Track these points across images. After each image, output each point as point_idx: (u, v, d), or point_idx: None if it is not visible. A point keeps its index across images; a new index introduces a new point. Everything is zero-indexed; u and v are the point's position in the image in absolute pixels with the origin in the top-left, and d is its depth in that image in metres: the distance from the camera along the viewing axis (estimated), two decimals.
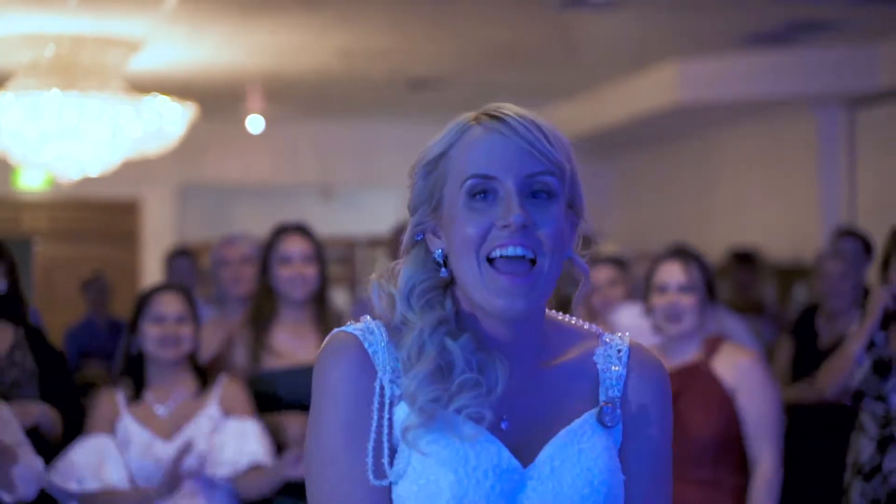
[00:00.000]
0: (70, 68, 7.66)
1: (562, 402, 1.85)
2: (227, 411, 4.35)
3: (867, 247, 6.97)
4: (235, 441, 4.27)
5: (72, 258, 11.80)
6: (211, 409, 4.34)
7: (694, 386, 4.20)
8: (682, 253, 4.43)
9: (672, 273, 4.32)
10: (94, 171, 8.10)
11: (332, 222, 13.00)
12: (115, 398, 4.35)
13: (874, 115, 9.07)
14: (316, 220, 13.28)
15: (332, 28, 7.89)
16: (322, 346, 1.87)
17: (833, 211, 9.32)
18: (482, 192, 1.80)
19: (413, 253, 1.88)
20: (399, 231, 7.20)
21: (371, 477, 1.76)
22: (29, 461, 3.83)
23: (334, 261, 12.64)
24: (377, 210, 14.32)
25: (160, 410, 4.32)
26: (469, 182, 1.81)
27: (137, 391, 4.37)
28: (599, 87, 10.26)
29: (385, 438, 1.79)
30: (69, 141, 7.60)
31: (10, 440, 3.82)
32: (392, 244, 7.23)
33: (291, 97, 10.61)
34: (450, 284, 1.88)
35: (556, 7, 7.39)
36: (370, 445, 1.77)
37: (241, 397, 4.41)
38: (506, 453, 1.78)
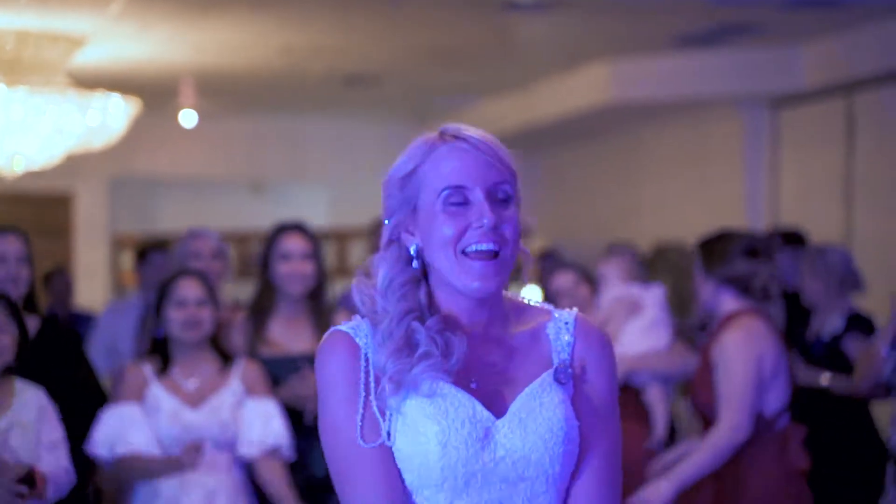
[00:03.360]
0: (14, 64, 7.72)
1: (522, 366, 2.25)
2: (249, 388, 4.65)
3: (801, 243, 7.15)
4: (261, 421, 4.60)
5: None
6: (234, 383, 4.64)
7: (701, 361, 4.75)
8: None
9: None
10: (38, 166, 8.18)
11: (262, 216, 13.10)
12: (143, 370, 4.63)
13: (797, 114, 9.35)
14: (246, 214, 13.46)
15: (275, 26, 8.04)
16: (321, 342, 2.26)
17: (757, 207, 9.60)
18: (457, 199, 2.21)
19: (389, 252, 2.27)
20: (378, 225, 7.38)
21: (361, 440, 2.17)
22: (59, 464, 4.01)
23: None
24: (308, 204, 14.45)
25: (186, 383, 4.61)
26: (446, 192, 2.21)
27: (164, 370, 4.65)
28: (534, 84, 10.48)
29: (375, 408, 2.19)
30: (15, 136, 7.67)
31: (53, 436, 4.01)
32: (371, 236, 7.40)
33: (229, 92, 10.71)
34: (422, 279, 2.27)
35: (493, 9, 7.59)
36: (358, 417, 2.19)
37: (259, 377, 4.71)
38: (478, 406, 2.18)
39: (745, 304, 4.72)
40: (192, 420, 4.53)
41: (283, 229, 5.09)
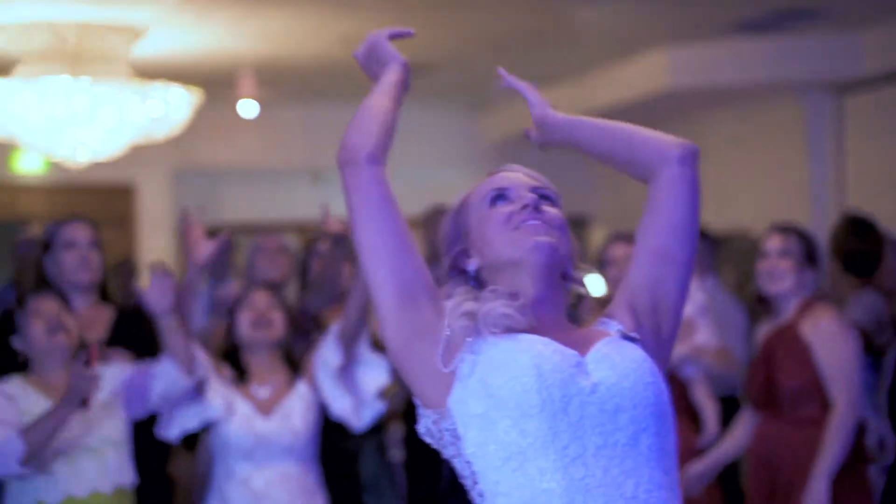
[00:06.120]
0: (75, 55, 7.78)
1: (587, 335, 2.35)
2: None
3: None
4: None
5: None
6: (301, 388, 4.73)
7: (784, 343, 4.86)
8: (782, 226, 5.07)
9: (773, 241, 4.97)
10: (102, 157, 8.24)
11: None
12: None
13: (860, 100, 9.28)
14: (306, 204, 13.45)
15: (336, 14, 8.07)
16: None
17: (822, 193, 9.54)
18: (501, 198, 2.39)
19: (453, 281, 2.41)
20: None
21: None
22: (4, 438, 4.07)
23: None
24: None
25: (259, 392, 4.69)
26: (491, 195, 2.40)
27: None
28: (591, 72, 10.45)
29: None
30: (78, 127, 7.73)
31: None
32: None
33: (288, 82, 10.76)
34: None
35: None
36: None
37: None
38: (561, 346, 2.26)
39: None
40: (265, 427, 4.66)
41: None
